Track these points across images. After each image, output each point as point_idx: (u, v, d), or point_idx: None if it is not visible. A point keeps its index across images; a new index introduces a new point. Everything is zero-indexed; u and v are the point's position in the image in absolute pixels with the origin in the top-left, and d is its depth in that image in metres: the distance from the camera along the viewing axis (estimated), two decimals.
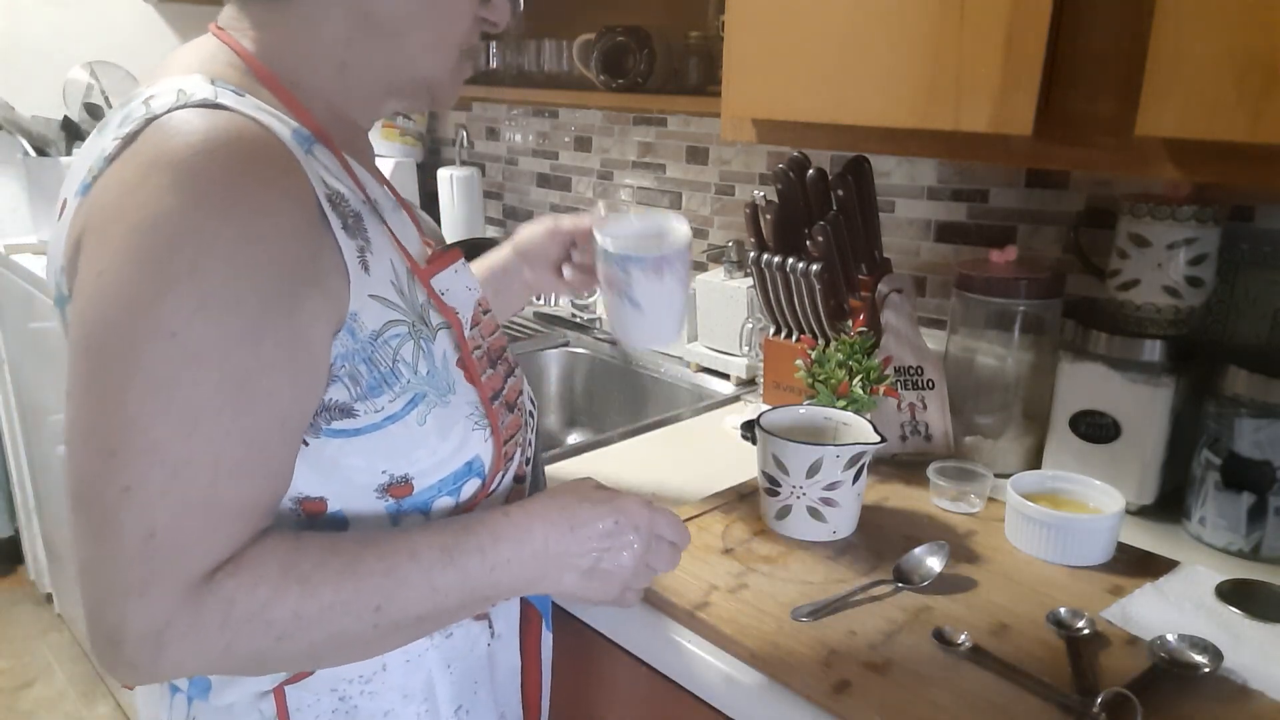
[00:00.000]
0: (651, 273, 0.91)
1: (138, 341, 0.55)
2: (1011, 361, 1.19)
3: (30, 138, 2.21)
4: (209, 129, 0.58)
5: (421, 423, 0.69)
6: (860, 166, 1.28)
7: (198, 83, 0.62)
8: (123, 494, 0.55)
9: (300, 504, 0.67)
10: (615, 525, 0.73)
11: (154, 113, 0.59)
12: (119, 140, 0.59)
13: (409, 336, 0.68)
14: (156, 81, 0.64)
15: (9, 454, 2.56)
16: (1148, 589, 0.92)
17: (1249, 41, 0.73)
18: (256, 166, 0.58)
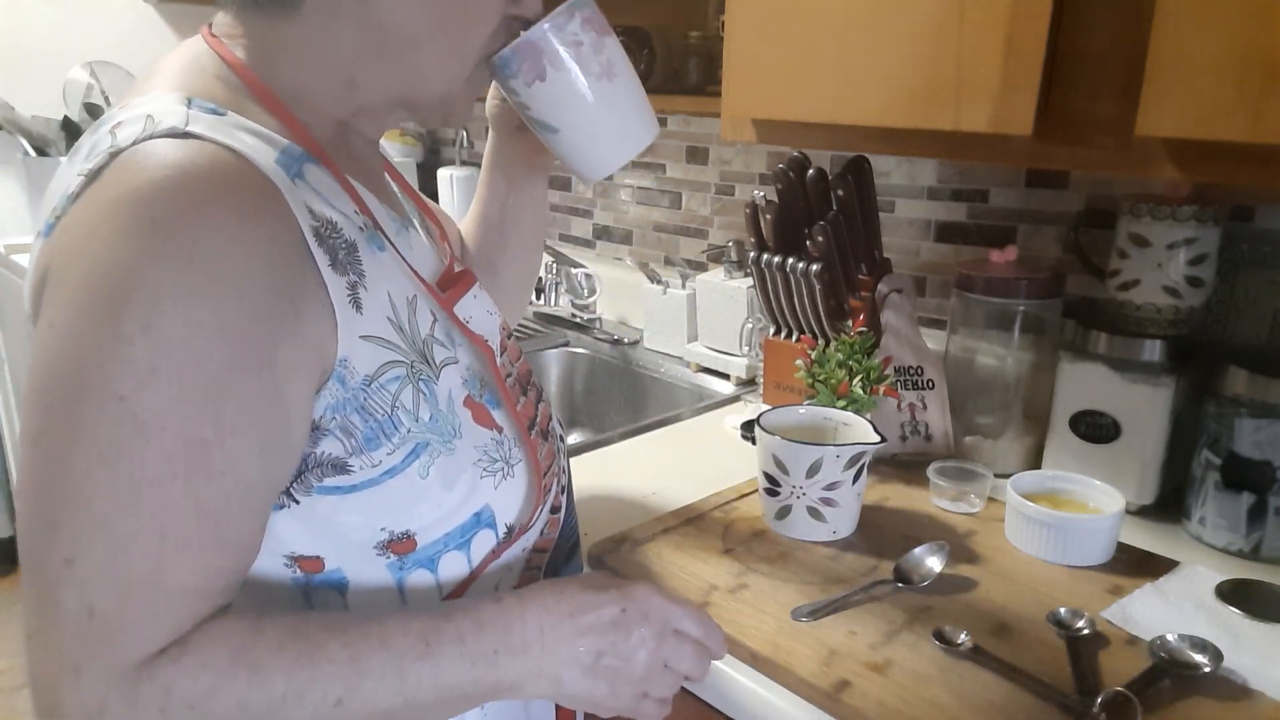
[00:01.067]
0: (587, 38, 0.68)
1: (83, 406, 0.50)
2: (1011, 361, 1.19)
3: (30, 138, 2.21)
4: (174, 164, 0.53)
5: (424, 475, 0.63)
6: (860, 166, 1.28)
7: (169, 106, 0.57)
8: (64, 567, 0.51)
9: (296, 561, 0.62)
10: (622, 614, 0.64)
11: (118, 145, 0.54)
12: (82, 177, 0.55)
13: (408, 380, 0.62)
14: (132, 98, 0.60)
15: (9, 454, 2.56)
16: (1148, 589, 0.92)
17: (1249, 41, 0.73)
18: (226, 206, 0.53)
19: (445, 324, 0.67)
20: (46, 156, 2.22)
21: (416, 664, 0.58)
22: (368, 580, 0.64)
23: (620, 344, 1.82)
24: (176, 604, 0.54)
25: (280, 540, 0.61)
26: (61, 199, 0.56)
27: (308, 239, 0.57)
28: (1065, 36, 0.87)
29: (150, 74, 0.63)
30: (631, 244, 1.96)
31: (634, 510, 1.10)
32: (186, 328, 0.51)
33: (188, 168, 0.53)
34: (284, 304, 0.55)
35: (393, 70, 0.63)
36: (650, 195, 1.89)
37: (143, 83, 0.62)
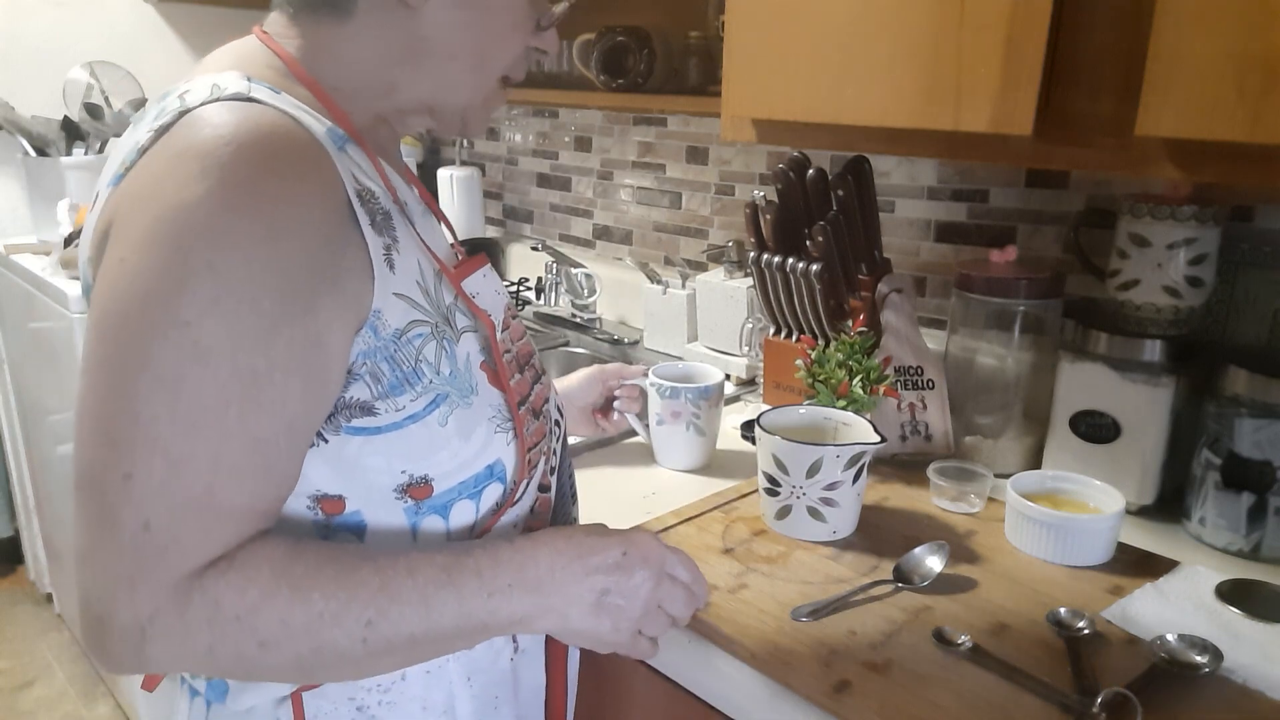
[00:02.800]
0: (712, 400, 1.19)
1: (149, 333, 0.55)
2: (1011, 361, 1.19)
3: (30, 138, 2.21)
4: (239, 121, 0.58)
5: (443, 423, 0.67)
6: (860, 166, 1.28)
7: (233, 78, 0.62)
8: (123, 482, 0.55)
9: (318, 502, 0.66)
10: (624, 557, 0.69)
11: (187, 106, 0.60)
12: (153, 132, 0.60)
13: (432, 337, 0.67)
14: (194, 78, 0.64)
15: (9, 454, 2.56)
16: (1148, 589, 0.92)
17: (1249, 41, 0.73)
18: (284, 161, 0.58)
19: (456, 300, 0.72)
20: (46, 156, 2.22)
21: (439, 592, 0.63)
22: (384, 523, 0.68)
23: (620, 344, 1.82)
24: (226, 523, 0.58)
25: (307, 480, 0.65)
26: (131, 151, 0.60)
27: (352, 199, 0.62)
28: (1065, 36, 0.87)
29: (204, 65, 0.68)
30: (631, 244, 1.96)
31: (634, 510, 1.10)
32: (246, 267, 0.55)
33: (251, 127, 0.58)
34: (330, 255, 0.60)
35: (428, 78, 0.70)
36: (650, 195, 1.89)
37: (198, 71, 0.67)
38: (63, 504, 2.24)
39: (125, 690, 2.12)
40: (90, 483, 0.56)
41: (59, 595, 2.54)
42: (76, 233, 1.93)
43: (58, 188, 2.19)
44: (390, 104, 0.71)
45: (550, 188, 2.13)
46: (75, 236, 1.93)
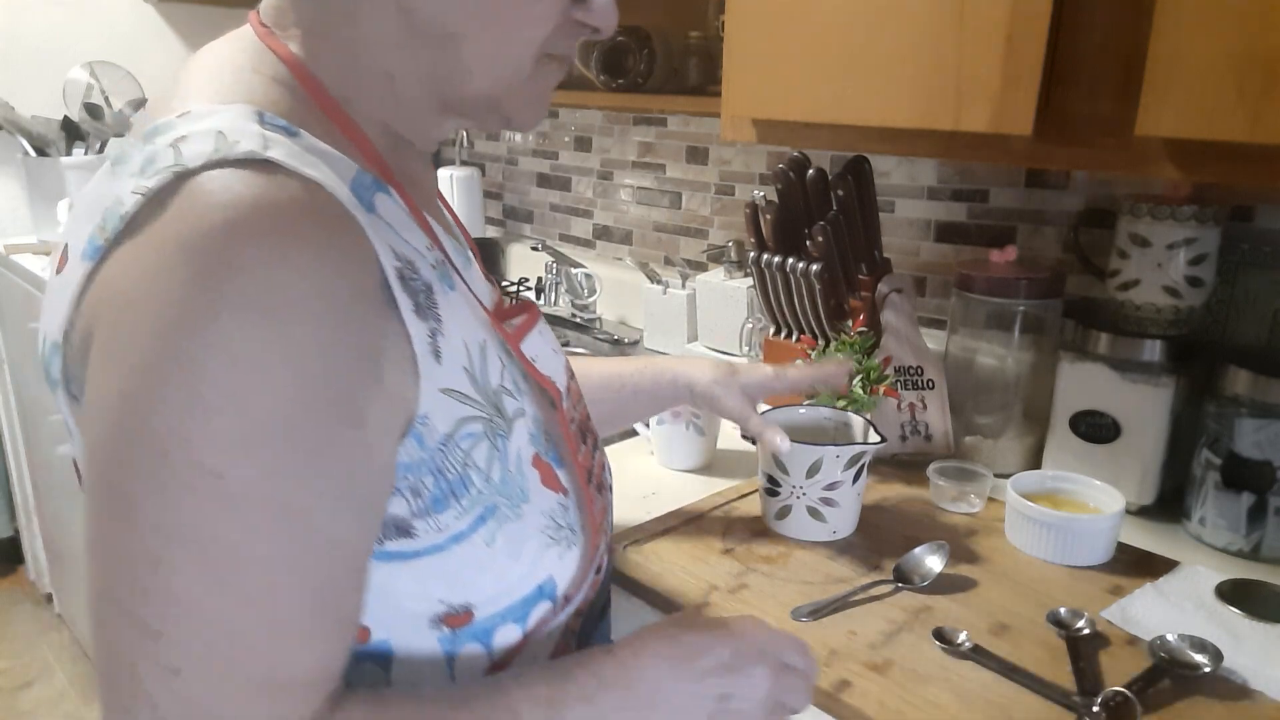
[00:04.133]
0: None
1: (173, 488, 0.44)
2: (1011, 361, 1.19)
3: (30, 138, 2.21)
4: (254, 203, 0.45)
5: (490, 542, 0.57)
6: (860, 166, 1.28)
7: (242, 124, 0.49)
8: (171, 678, 0.45)
9: None
10: (734, 656, 0.62)
11: (185, 165, 0.47)
12: (140, 196, 0.47)
13: (484, 436, 0.56)
14: (187, 101, 0.53)
15: (9, 454, 2.56)
16: (1148, 589, 0.92)
17: (1249, 42, 0.73)
18: (310, 253, 0.46)
19: (513, 368, 0.61)
20: (46, 156, 2.22)
21: None
22: (415, 652, 0.58)
23: (620, 344, 1.82)
24: (296, 699, 0.49)
25: None
26: (114, 217, 0.47)
27: (392, 283, 0.51)
28: (1065, 36, 0.87)
29: (201, 71, 0.56)
30: (631, 244, 1.96)
31: (634, 510, 1.10)
32: (274, 395, 0.45)
33: (268, 212, 0.46)
34: (371, 360, 0.49)
35: (428, 65, 0.57)
36: (650, 195, 1.89)
37: (195, 80, 0.55)
38: (62, 504, 2.24)
39: None
40: (122, 668, 0.46)
41: (59, 595, 2.54)
42: None
43: (58, 188, 2.19)
44: (394, 101, 0.58)
45: (550, 188, 2.13)
46: None
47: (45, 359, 0.52)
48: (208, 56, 0.58)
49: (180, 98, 0.53)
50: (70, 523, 2.21)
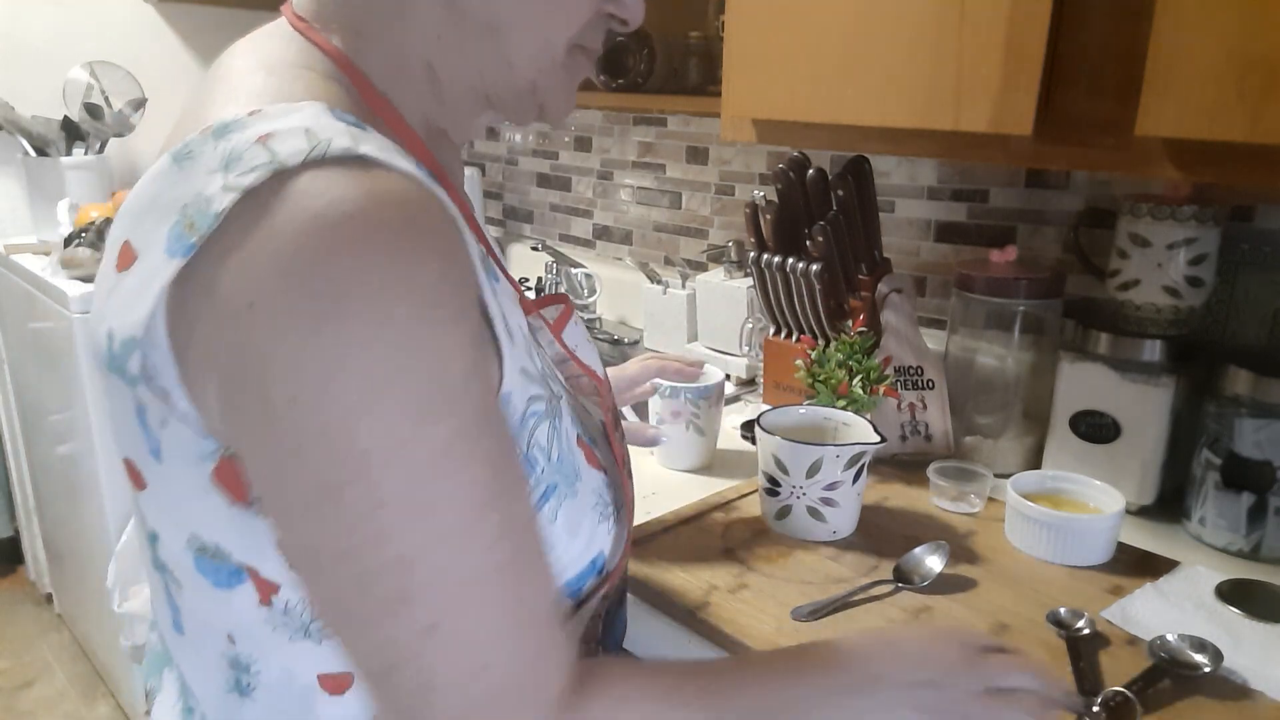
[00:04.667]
0: (712, 400, 1.19)
1: (380, 465, 0.44)
2: (1011, 361, 1.19)
3: (30, 138, 2.21)
4: (370, 199, 0.45)
5: (553, 519, 0.58)
6: (860, 166, 1.28)
7: (325, 119, 0.48)
8: (428, 635, 0.46)
9: None
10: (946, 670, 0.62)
11: (282, 162, 0.45)
12: (235, 193, 0.45)
13: (545, 415, 0.57)
14: (238, 94, 0.51)
15: (9, 454, 2.56)
16: (1148, 589, 0.92)
17: (1249, 42, 0.73)
18: (430, 240, 0.46)
19: (555, 356, 0.63)
20: (46, 156, 2.22)
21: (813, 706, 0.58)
22: None
23: (620, 344, 1.82)
24: (553, 633, 0.51)
25: None
26: (203, 215, 0.45)
27: (476, 265, 0.52)
28: (1065, 36, 0.87)
29: (248, 68, 0.54)
30: (631, 244, 1.96)
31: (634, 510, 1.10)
32: (436, 367, 0.45)
33: (385, 202, 0.45)
34: (482, 339, 0.52)
35: (471, 57, 0.57)
36: (650, 195, 1.89)
37: (244, 79, 0.53)
38: (63, 504, 2.24)
39: (125, 690, 2.12)
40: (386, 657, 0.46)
41: (59, 595, 2.54)
42: (77, 233, 1.94)
43: (58, 188, 2.19)
44: (436, 96, 0.58)
45: (550, 188, 2.13)
46: (75, 236, 1.93)
47: (115, 354, 0.49)
48: (249, 55, 0.56)
49: (230, 96, 0.51)
50: (70, 523, 2.21)
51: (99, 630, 2.19)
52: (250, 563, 0.51)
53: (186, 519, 0.52)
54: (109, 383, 0.51)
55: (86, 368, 1.83)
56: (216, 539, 0.51)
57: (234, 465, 0.49)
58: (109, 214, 2.06)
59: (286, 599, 0.52)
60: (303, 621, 0.53)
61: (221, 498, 0.50)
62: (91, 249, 1.89)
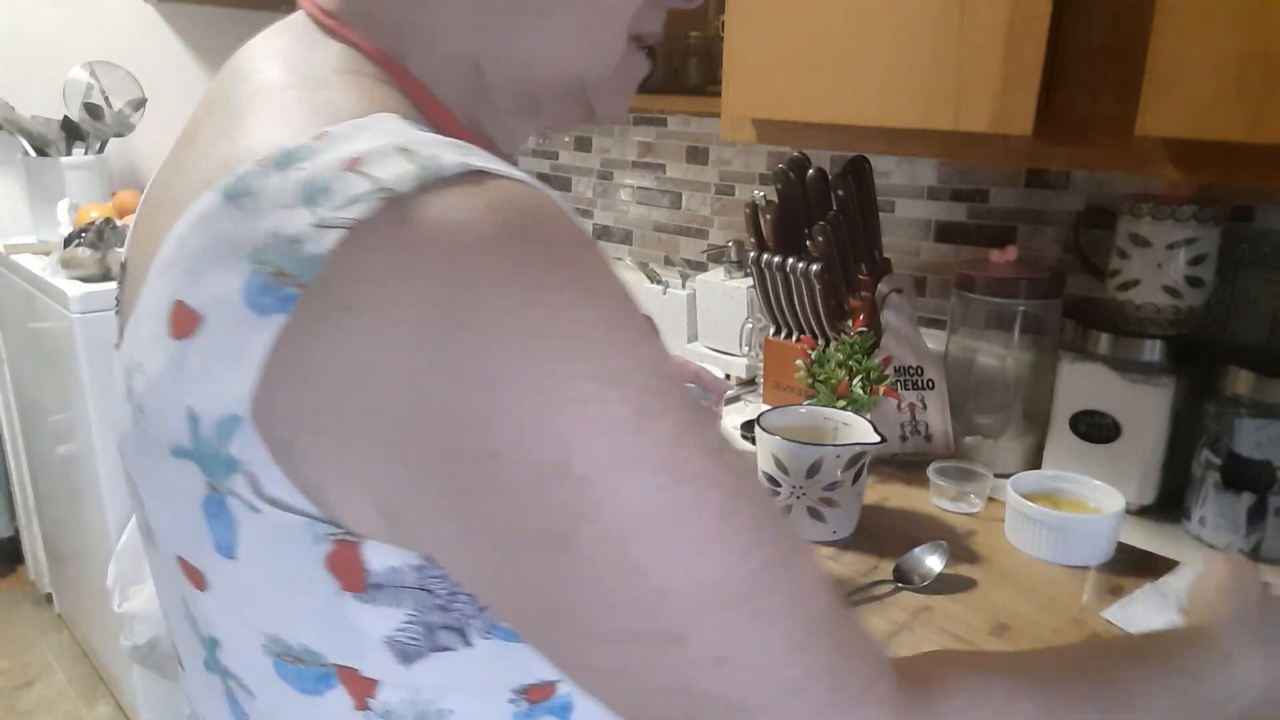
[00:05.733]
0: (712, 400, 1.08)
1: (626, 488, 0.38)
2: (1011, 361, 1.19)
3: (30, 138, 2.21)
4: (512, 214, 0.39)
5: None
6: (860, 166, 1.28)
7: (408, 132, 0.42)
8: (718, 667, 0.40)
9: (523, 693, 0.47)
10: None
11: (391, 189, 0.38)
12: (341, 230, 0.37)
13: None
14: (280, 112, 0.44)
15: (9, 454, 2.56)
16: (1148, 589, 0.92)
17: (1249, 42, 0.73)
18: (579, 238, 0.41)
19: None
20: (46, 156, 2.22)
21: None
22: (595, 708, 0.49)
23: None
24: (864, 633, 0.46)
25: (517, 670, 0.45)
26: (300, 259, 0.38)
27: None
28: (1065, 36, 0.87)
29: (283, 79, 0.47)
30: (631, 244, 1.96)
31: None
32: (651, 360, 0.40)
33: (531, 210, 0.40)
34: None
35: (517, 49, 0.50)
36: (650, 195, 1.89)
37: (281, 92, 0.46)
38: (63, 504, 2.24)
39: (125, 690, 2.12)
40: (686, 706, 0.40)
41: (59, 595, 2.54)
42: (77, 233, 1.94)
43: (58, 188, 2.19)
44: (482, 98, 0.52)
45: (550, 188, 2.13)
46: (75, 236, 1.93)
47: (203, 437, 0.40)
48: (276, 63, 0.48)
49: (275, 117, 0.44)
50: (70, 523, 2.21)
51: (99, 630, 2.19)
52: (348, 662, 0.43)
53: (266, 620, 0.43)
54: (166, 472, 0.43)
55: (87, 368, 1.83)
56: (305, 640, 0.43)
57: (352, 549, 0.41)
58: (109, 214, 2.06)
59: (386, 700, 0.44)
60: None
61: (328, 587, 0.41)
62: (91, 249, 1.89)
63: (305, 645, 0.43)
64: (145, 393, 0.42)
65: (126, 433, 0.45)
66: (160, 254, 0.42)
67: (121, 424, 0.46)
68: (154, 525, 0.46)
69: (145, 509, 0.47)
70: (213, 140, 0.46)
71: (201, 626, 0.47)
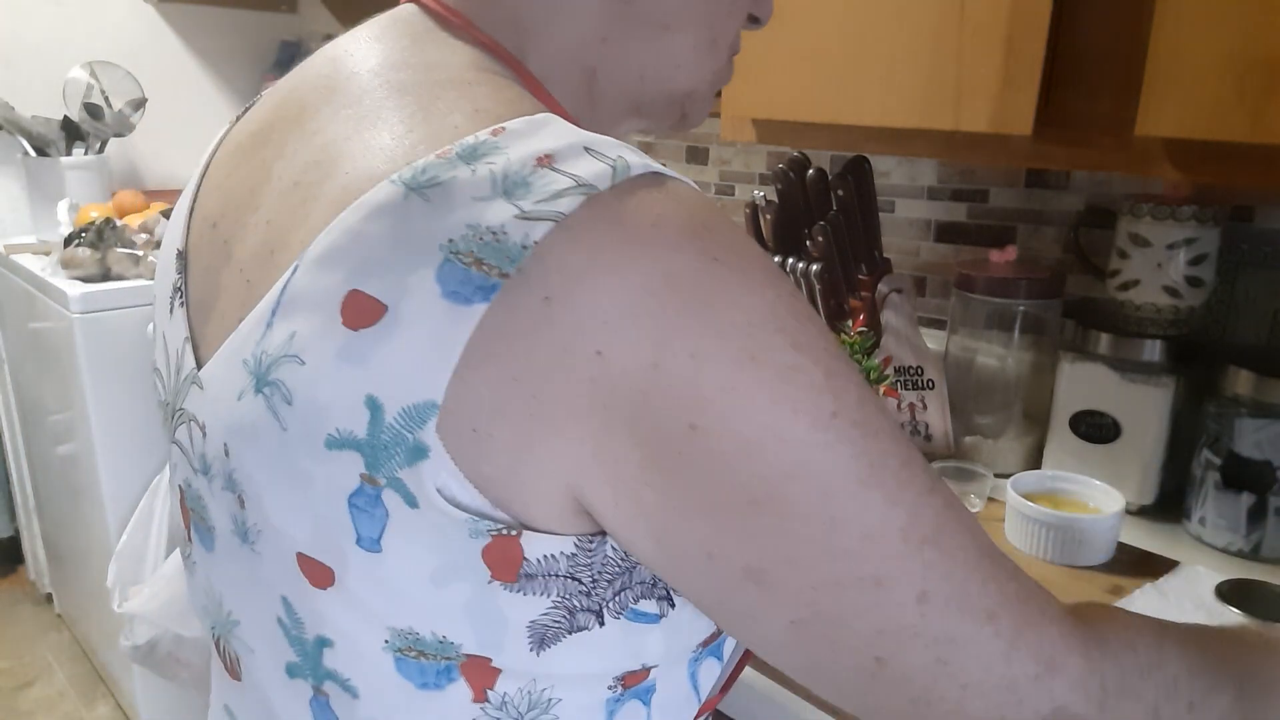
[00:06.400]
0: None
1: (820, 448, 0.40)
2: (1011, 361, 1.19)
3: (30, 138, 2.21)
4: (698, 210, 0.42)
5: None
6: (860, 166, 1.28)
7: (582, 134, 0.43)
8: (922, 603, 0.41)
9: (621, 680, 0.48)
10: None
11: (591, 184, 0.40)
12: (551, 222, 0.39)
13: None
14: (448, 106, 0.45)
15: (9, 454, 2.56)
16: (1148, 589, 0.92)
17: (1249, 42, 0.73)
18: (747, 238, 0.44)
19: None
20: (46, 156, 2.22)
21: None
22: (673, 690, 0.51)
23: None
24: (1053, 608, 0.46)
25: (626, 654, 0.47)
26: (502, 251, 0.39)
27: None
28: (1065, 36, 0.87)
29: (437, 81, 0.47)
30: None
31: None
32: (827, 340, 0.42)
33: (711, 212, 0.42)
34: None
35: (635, 59, 0.53)
36: None
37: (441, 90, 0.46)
38: (63, 504, 2.24)
39: (125, 690, 2.12)
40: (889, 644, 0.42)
41: (59, 595, 2.55)
42: (77, 233, 1.94)
43: (58, 188, 2.19)
44: (590, 102, 0.54)
45: None
46: (75, 236, 1.93)
47: (385, 425, 0.40)
48: (409, 56, 0.48)
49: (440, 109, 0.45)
50: (70, 523, 2.21)
51: (99, 630, 2.20)
52: (484, 651, 0.44)
53: (400, 613, 0.43)
54: (309, 465, 0.42)
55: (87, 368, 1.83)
56: (444, 630, 0.43)
57: (510, 542, 0.42)
58: (109, 214, 2.06)
59: (504, 691, 0.45)
60: (518, 712, 0.47)
61: (479, 577, 0.42)
62: (91, 249, 1.89)
63: (442, 636, 0.43)
64: (304, 384, 0.42)
65: (242, 430, 0.45)
66: (318, 244, 0.42)
67: (232, 422, 0.45)
68: (270, 522, 0.45)
69: (259, 506, 0.46)
70: (355, 132, 0.45)
71: (308, 628, 0.47)
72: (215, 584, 0.52)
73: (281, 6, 2.65)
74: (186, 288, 0.53)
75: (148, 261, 1.90)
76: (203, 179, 0.56)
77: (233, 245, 0.50)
